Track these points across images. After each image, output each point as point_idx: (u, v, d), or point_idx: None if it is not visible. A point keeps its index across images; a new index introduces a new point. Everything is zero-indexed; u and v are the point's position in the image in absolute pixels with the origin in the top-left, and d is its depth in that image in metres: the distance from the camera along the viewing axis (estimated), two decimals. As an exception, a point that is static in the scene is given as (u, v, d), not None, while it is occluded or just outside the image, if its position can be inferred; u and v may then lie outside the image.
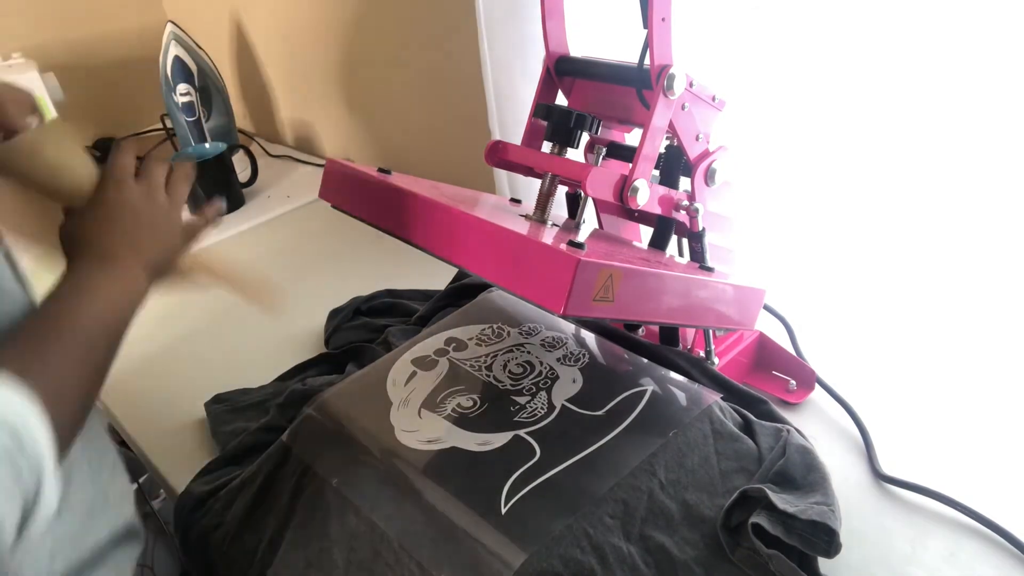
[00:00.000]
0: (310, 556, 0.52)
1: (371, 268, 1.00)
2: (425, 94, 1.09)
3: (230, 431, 0.69)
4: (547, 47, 0.62)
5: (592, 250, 0.45)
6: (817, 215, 0.77)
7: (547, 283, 0.43)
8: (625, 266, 0.45)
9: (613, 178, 0.55)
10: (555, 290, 0.42)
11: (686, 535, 0.50)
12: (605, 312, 0.45)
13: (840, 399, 0.66)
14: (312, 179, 1.32)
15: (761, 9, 0.69)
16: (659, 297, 0.49)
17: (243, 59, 1.50)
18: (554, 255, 0.43)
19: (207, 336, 0.90)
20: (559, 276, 0.42)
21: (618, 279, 0.44)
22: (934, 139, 0.65)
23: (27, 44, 1.42)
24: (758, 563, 0.47)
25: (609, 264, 0.43)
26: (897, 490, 0.58)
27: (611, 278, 0.44)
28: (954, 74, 0.61)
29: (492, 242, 0.46)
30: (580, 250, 0.44)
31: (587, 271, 0.42)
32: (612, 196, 0.55)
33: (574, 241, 0.45)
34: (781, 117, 0.73)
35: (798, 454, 0.53)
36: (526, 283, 0.44)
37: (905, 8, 0.61)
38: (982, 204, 0.65)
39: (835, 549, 0.47)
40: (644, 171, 0.56)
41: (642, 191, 0.55)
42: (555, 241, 0.47)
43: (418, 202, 0.51)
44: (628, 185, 0.54)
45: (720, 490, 0.51)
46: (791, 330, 0.73)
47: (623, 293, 0.45)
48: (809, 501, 0.49)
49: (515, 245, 0.45)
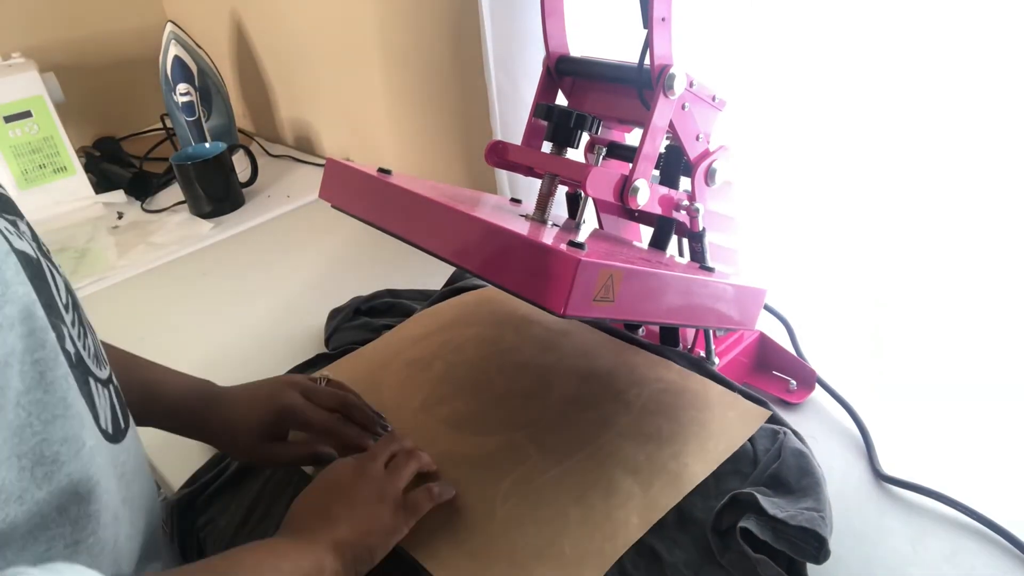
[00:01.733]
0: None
1: (371, 268, 1.00)
2: (426, 93, 1.09)
3: (230, 431, 0.69)
4: (547, 47, 0.62)
5: (592, 250, 0.45)
6: (818, 215, 0.77)
7: (547, 283, 0.42)
8: (626, 266, 0.44)
9: (613, 178, 0.55)
10: (555, 290, 0.42)
11: (676, 537, 0.50)
12: (606, 312, 0.44)
13: (840, 399, 0.66)
14: (312, 179, 1.32)
15: (761, 8, 0.69)
16: (660, 297, 0.49)
17: (243, 59, 1.50)
18: (554, 255, 0.42)
19: (207, 336, 0.90)
20: (559, 276, 0.42)
21: (619, 279, 0.44)
22: (935, 139, 0.65)
23: (27, 44, 1.42)
24: (746, 567, 0.47)
25: (610, 264, 0.43)
26: (897, 490, 0.58)
27: (612, 278, 0.44)
28: (954, 73, 0.61)
29: (491, 241, 0.46)
30: (581, 250, 0.43)
31: (587, 271, 0.42)
32: (612, 196, 0.55)
33: (574, 241, 0.44)
34: (782, 116, 0.73)
35: (793, 457, 0.53)
36: (526, 283, 0.44)
37: (905, 7, 0.61)
38: (983, 204, 0.65)
39: (824, 556, 0.46)
40: (644, 171, 0.56)
41: (642, 191, 0.55)
42: (555, 241, 0.46)
43: (418, 201, 0.50)
44: (628, 185, 0.54)
45: (713, 492, 0.51)
46: (791, 330, 0.73)
47: (624, 293, 0.45)
48: (800, 506, 0.49)
49: (515, 245, 0.44)
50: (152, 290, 1.02)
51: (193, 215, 1.22)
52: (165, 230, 1.19)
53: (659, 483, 0.52)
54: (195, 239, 1.14)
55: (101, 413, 0.41)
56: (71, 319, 0.41)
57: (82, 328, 0.42)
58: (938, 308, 0.72)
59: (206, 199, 1.20)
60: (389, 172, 0.57)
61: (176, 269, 1.08)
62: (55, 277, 0.41)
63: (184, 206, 1.24)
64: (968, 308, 0.71)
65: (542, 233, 0.52)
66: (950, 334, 0.71)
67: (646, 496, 0.51)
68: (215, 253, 1.11)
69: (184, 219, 1.21)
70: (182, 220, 1.21)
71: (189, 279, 1.04)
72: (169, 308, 0.97)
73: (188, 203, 1.22)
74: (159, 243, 1.14)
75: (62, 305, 0.40)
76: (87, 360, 0.41)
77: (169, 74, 1.28)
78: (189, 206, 1.22)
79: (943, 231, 0.69)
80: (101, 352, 0.45)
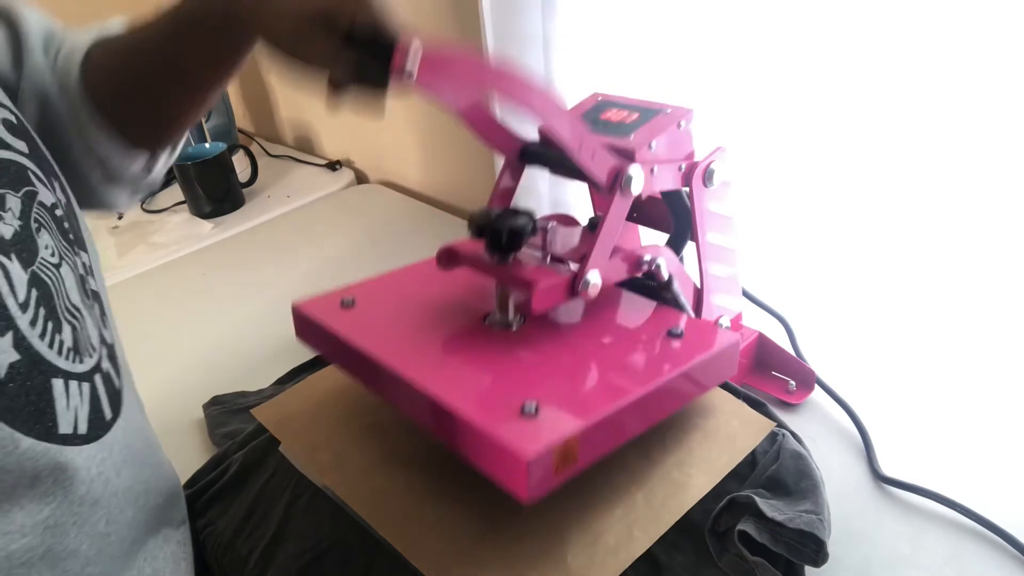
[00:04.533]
0: (303, 566, 0.52)
1: (371, 268, 0.99)
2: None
3: (226, 433, 0.69)
4: (511, 139, 0.60)
5: (551, 394, 0.44)
6: (817, 214, 0.76)
7: (502, 472, 0.42)
8: (583, 426, 0.42)
9: (562, 281, 0.51)
10: (512, 480, 0.41)
11: (674, 540, 0.49)
12: (571, 474, 0.43)
13: (840, 400, 0.65)
14: (312, 179, 1.32)
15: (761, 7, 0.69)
16: (628, 422, 0.47)
17: (243, 59, 1.50)
18: (501, 451, 0.41)
19: (207, 337, 0.90)
20: (511, 469, 0.41)
21: (576, 443, 0.42)
22: (935, 138, 0.65)
23: (27, 44, 1.41)
24: (744, 570, 0.47)
25: (564, 439, 0.41)
26: (897, 491, 0.58)
27: (569, 447, 0.42)
28: (954, 72, 0.61)
29: (446, 419, 0.45)
30: (533, 419, 0.42)
31: (540, 462, 0.40)
32: (563, 298, 0.51)
33: (527, 407, 0.43)
34: (782, 115, 0.73)
35: (792, 459, 0.53)
36: (482, 463, 0.43)
37: (906, 7, 0.61)
38: (982, 204, 0.65)
39: (822, 559, 0.46)
40: (598, 262, 0.52)
41: (594, 281, 0.52)
42: (504, 414, 0.44)
43: (370, 361, 0.50)
44: (580, 280, 0.51)
45: (710, 494, 0.51)
46: (791, 330, 0.73)
47: (586, 448, 0.43)
48: (798, 509, 0.49)
49: (464, 429, 0.43)
50: (152, 290, 1.03)
51: (193, 215, 1.22)
52: (165, 230, 1.19)
53: (663, 494, 0.51)
54: (195, 239, 1.14)
55: (63, 417, 0.39)
56: (31, 316, 0.38)
57: (55, 322, 0.40)
58: (938, 308, 0.72)
59: (206, 199, 1.20)
60: (352, 303, 0.56)
61: (176, 269, 1.08)
62: (8, 274, 0.38)
63: (184, 206, 1.24)
64: (968, 308, 0.71)
65: (485, 384, 0.49)
66: (950, 334, 0.71)
67: (650, 508, 0.50)
68: (215, 253, 1.11)
69: (184, 219, 1.21)
70: (182, 220, 1.21)
71: (189, 279, 1.04)
72: (169, 308, 0.97)
73: (188, 203, 1.22)
74: (159, 243, 1.14)
75: (17, 304, 0.37)
76: (53, 358, 0.39)
77: (169, 74, 1.27)
78: (189, 206, 1.23)
79: (944, 231, 0.69)
80: (86, 341, 0.43)
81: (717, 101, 0.75)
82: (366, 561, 0.51)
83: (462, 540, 0.50)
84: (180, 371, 0.84)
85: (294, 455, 0.58)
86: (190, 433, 0.73)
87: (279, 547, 0.54)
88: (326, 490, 0.56)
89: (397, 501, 0.51)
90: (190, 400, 0.76)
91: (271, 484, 0.59)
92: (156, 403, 0.79)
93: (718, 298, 0.64)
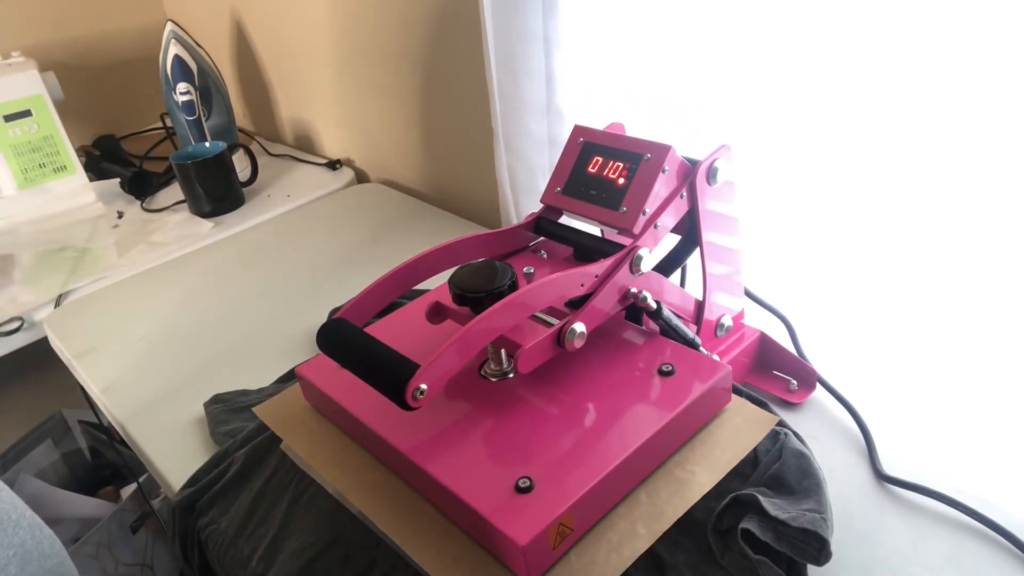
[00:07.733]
0: (305, 563, 0.52)
1: (372, 268, 0.99)
2: (426, 93, 1.09)
3: (228, 431, 0.69)
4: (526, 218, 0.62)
5: (544, 463, 0.46)
6: (819, 213, 0.76)
7: (503, 553, 0.45)
8: (574, 500, 0.44)
9: (547, 339, 0.51)
10: (512, 561, 0.44)
11: (677, 538, 0.49)
12: (569, 544, 0.46)
13: (842, 399, 0.65)
14: (312, 178, 1.32)
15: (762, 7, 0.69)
16: (620, 481, 0.48)
17: (243, 59, 1.50)
18: (498, 533, 0.43)
19: (207, 336, 0.89)
20: (510, 552, 0.43)
21: (571, 517, 0.45)
22: (936, 138, 0.65)
23: (27, 44, 1.42)
24: (747, 568, 0.47)
25: (557, 515, 0.44)
26: (899, 490, 0.58)
27: (563, 523, 0.44)
28: (956, 72, 0.61)
29: (445, 496, 0.47)
30: (528, 496, 0.45)
31: (537, 544, 0.43)
32: (550, 354, 0.51)
33: (522, 484, 0.45)
34: (782, 114, 0.73)
35: (794, 458, 0.53)
36: (485, 543, 0.46)
37: (906, 7, 0.61)
38: (984, 203, 0.65)
39: (825, 557, 0.46)
40: (588, 319, 0.53)
41: (580, 331, 0.52)
42: (500, 493, 0.45)
43: (372, 434, 0.52)
44: (564, 333, 0.51)
45: (714, 493, 0.51)
46: (792, 329, 0.73)
47: (581, 517, 0.46)
48: (801, 508, 0.49)
49: (464, 508, 0.46)
50: (152, 290, 1.02)
51: (193, 214, 1.22)
52: (165, 229, 1.18)
53: (666, 492, 0.51)
54: (195, 238, 1.14)
55: None
56: None
57: None
58: (939, 307, 0.72)
59: (206, 198, 1.20)
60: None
61: (176, 269, 1.07)
62: None
63: (184, 205, 1.24)
64: (969, 307, 0.71)
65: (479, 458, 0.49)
66: (951, 333, 0.71)
67: (653, 505, 0.50)
68: (215, 253, 1.11)
69: (184, 218, 1.21)
70: (182, 219, 1.21)
71: (189, 279, 1.04)
72: (169, 308, 0.97)
73: (188, 202, 1.22)
74: (159, 242, 1.14)
75: None
76: None
77: (169, 73, 1.27)
78: (189, 205, 1.22)
79: (945, 230, 0.69)
80: None
81: (717, 101, 0.75)
82: (368, 558, 0.51)
83: (463, 537, 0.49)
84: (181, 369, 0.84)
85: (295, 453, 0.58)
86: (191, 431, 0.73)
87: (281, 545, 0.54)
88: (327, 487, 0.56)
89: (398, 498, 0.51)
90: (191, 398, 0.76)
91: (273, 482, 0.59)
92: (157, 401, 0.79)
93: (720, 297, 0.64)
